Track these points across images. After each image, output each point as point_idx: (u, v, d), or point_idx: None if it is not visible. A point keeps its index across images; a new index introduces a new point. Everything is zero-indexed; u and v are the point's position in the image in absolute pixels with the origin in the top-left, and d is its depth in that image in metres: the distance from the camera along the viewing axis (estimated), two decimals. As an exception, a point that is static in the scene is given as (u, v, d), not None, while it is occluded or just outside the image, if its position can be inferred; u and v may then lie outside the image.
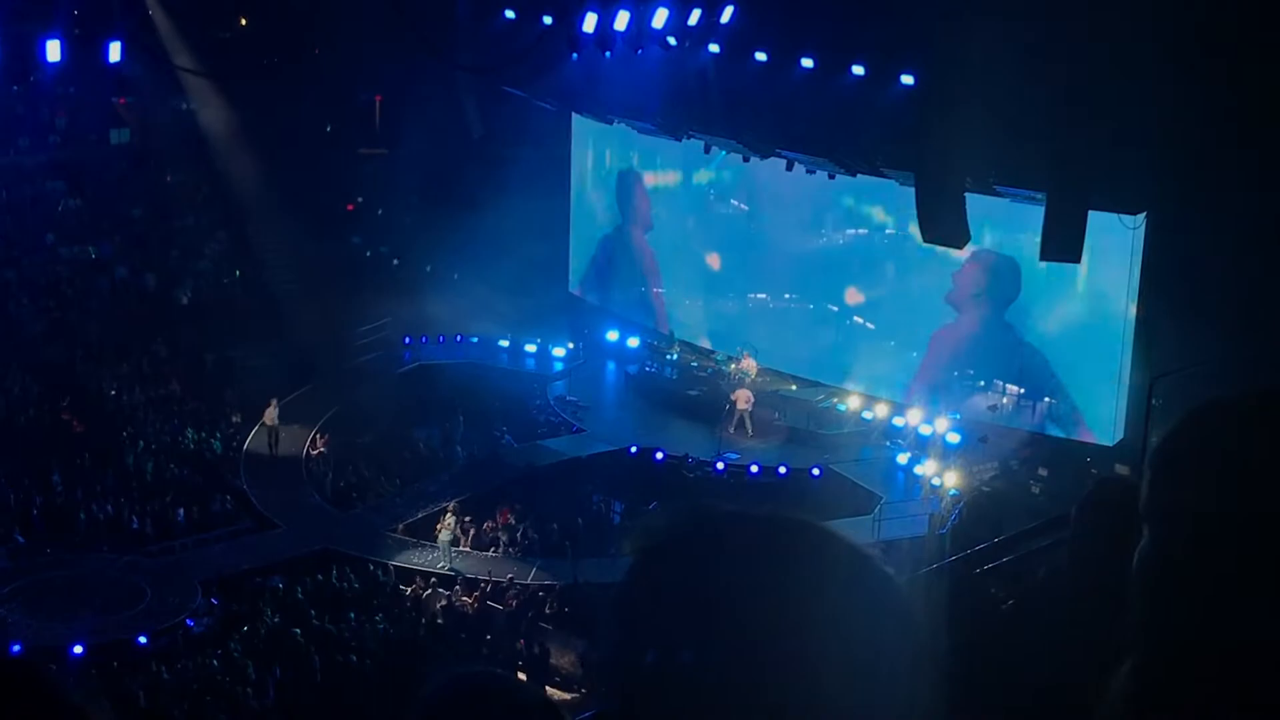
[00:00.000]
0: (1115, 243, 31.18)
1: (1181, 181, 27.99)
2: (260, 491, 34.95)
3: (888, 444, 36.40)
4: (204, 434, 36.95)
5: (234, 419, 37.70)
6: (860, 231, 39.59)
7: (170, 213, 44.09)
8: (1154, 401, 26.75)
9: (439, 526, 32.75)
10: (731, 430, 37.38)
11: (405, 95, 43.86)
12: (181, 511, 33.22)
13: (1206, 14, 24.99)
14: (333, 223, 44.06)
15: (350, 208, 46.14)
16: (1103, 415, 33.94)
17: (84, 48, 31.11)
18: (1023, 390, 35.57)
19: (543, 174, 43.93)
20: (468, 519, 33.62)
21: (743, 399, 37.57)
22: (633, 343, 43.33)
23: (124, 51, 32.16)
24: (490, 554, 32.96)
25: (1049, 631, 4.30)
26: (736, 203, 42.08)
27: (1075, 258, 26.13)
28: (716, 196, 42.21)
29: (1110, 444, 33.33)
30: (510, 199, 41.69)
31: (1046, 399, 35.19)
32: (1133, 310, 32.49)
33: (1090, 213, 26.22)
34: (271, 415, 36.42)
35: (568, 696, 26.81)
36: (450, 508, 33.48)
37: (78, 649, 27.13)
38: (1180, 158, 27.12)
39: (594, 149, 45.18)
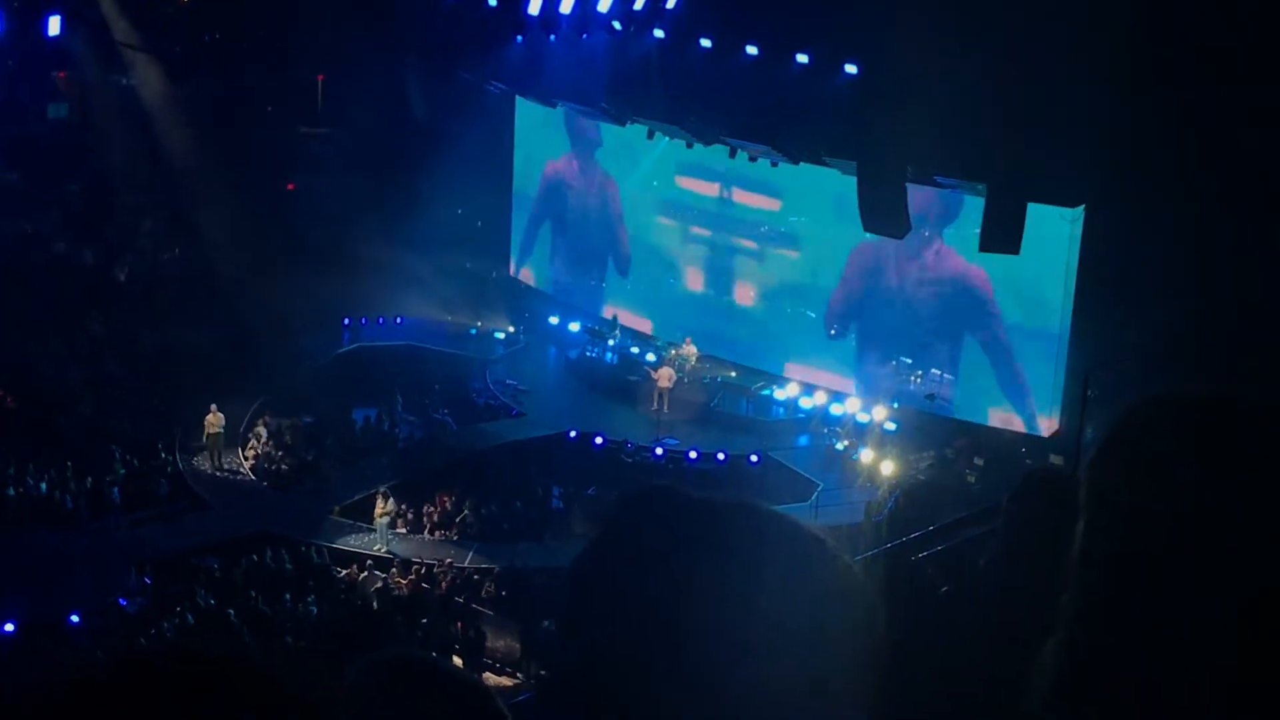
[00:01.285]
0: (1053, 235, 31.38)
1: (1119, 176, 28.22)
2: (196, 471, 34.75)
3: (825, 431, 36.55)
4: (141, 413, 36.66)
5: (170, 399, 37.43)
6: (799, 219, 39.67)
7: (109, 189, 43.61)
8: (1089, 393, 26.95)
9: (376, 509, 32.64)
10: (653, 408, 37.66)
11: (348, 75, 43.59)
12: (116, 491, 32.96)
13: (1146, 12, 25.20)
14: (273, 202, 43.72)
15: (291, 187, 45.81)
16: (1038, 407, 34.19)
17: (23, 20, 30.77)
18: (958, 380, 35.79)
19: (486, 157, 43.77)
20: (404, 506, 33.50)
21: (664, 377, 37.85)
22: (574, 327, 43.34)
23: (63, 25, 31.84)
24: (428, 537, 32.89)
25: (982, 615, 4.37)
26: (680, 190, 42.06)
27: (1014, 249, 26.20)
28: (662, 183, 42.16)
29: (1045, 435, 33.60)
30: (453, 181, 41.56)
31: (983, 390, 35.40)
32: (1069, 303, 32.74)
33: (1030, 205, 26.35)
34: (214, 423, 35.38)
35: (504, 681, 26.80)
36: (383, 491, 33.35)
37: (8, 627, 26.86)
38: (1118, 152, 27.35)
39: (538, 132, 45.05)
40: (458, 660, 25.49)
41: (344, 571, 31.01)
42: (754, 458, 35.14)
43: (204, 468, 34.95)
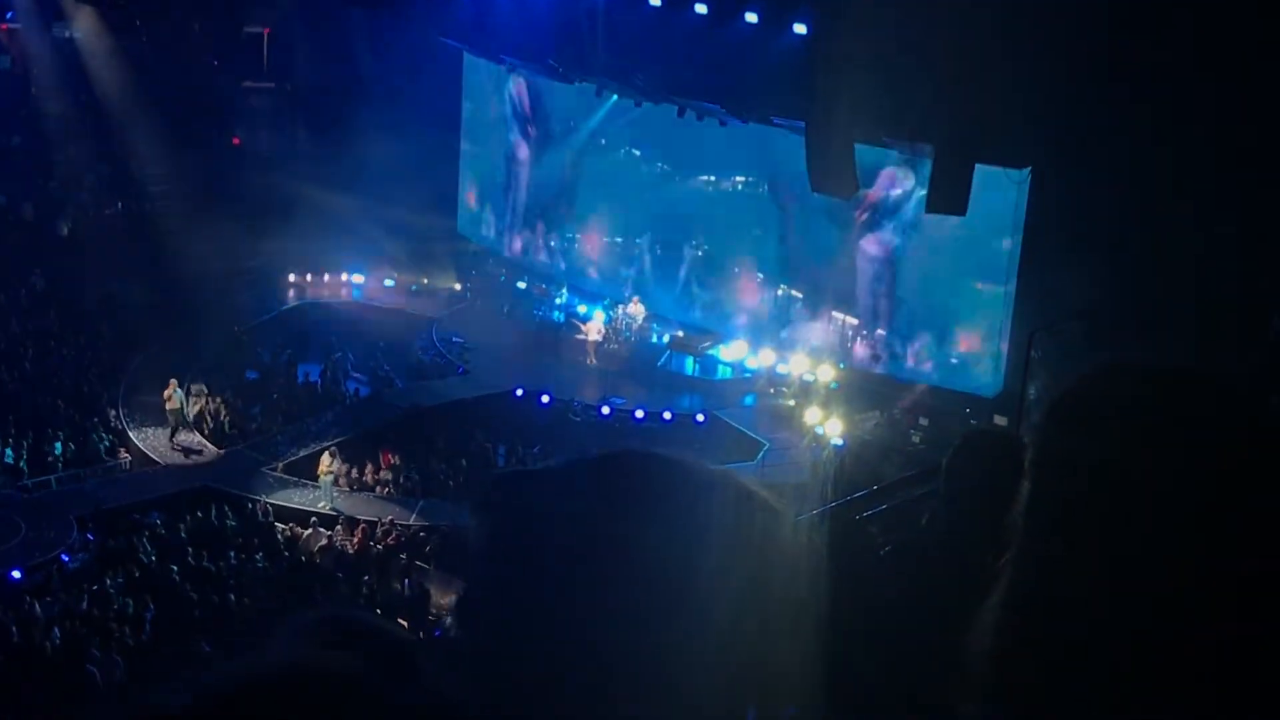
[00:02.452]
0: (1000, 197, 31.46)
1: (1065, 137, 28.28)
2: (138, 426, 34.54)
3: (771, 391, 36.67)
4: (84, 368, 36.42)
5: (113, 353, 37.18)
6: (747, 179, 39.70)
7: (50, 142, 43.20)
8: (1033, 354, 27.09)
9: (320, 466, 32.54)
10: (585, 360, 38.09)
11: (294, 27, 43.27)
12: (58, 446, 32.73)
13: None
14: (217, 156, 43.40)
15: (236, 141, 45.48)
16: (983, 367, 34.36)
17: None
18: (907, 341, 35.93)
19: (433, 112, 43.57)
20: (349, 463, 33.41)
21: (593, 330, 38.34)
22: (521, 285, 43.30)
23: (5, -25, 31.43)
24: (372, 494, 32.84)
25: (924, 573, 4.39)
26: (630, 150, 42.02)
27: (961, 210, 26.28)
28: (609, 142, 42.07)
29: (990, 396, 33.78)
30: (400, 137, 41.31)
31: (929, 350, 35.55)
32: (1014, 264, 32.86)
33: (976, 166, 26.42)
34: (174, 398, 34.47)
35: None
36: (329, 448, 33.25)
37: (-51, 583, 26.72)
38: (1065, 114, 27.41)
39: (486, 88, 44.87)
40: (402, 620, 25.48)
41: (287, 528, 30.92)
42: (700, 417, 35.26)
43: (159, 442, 34.29)
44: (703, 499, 1.99)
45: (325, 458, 32.62)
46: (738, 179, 39.95)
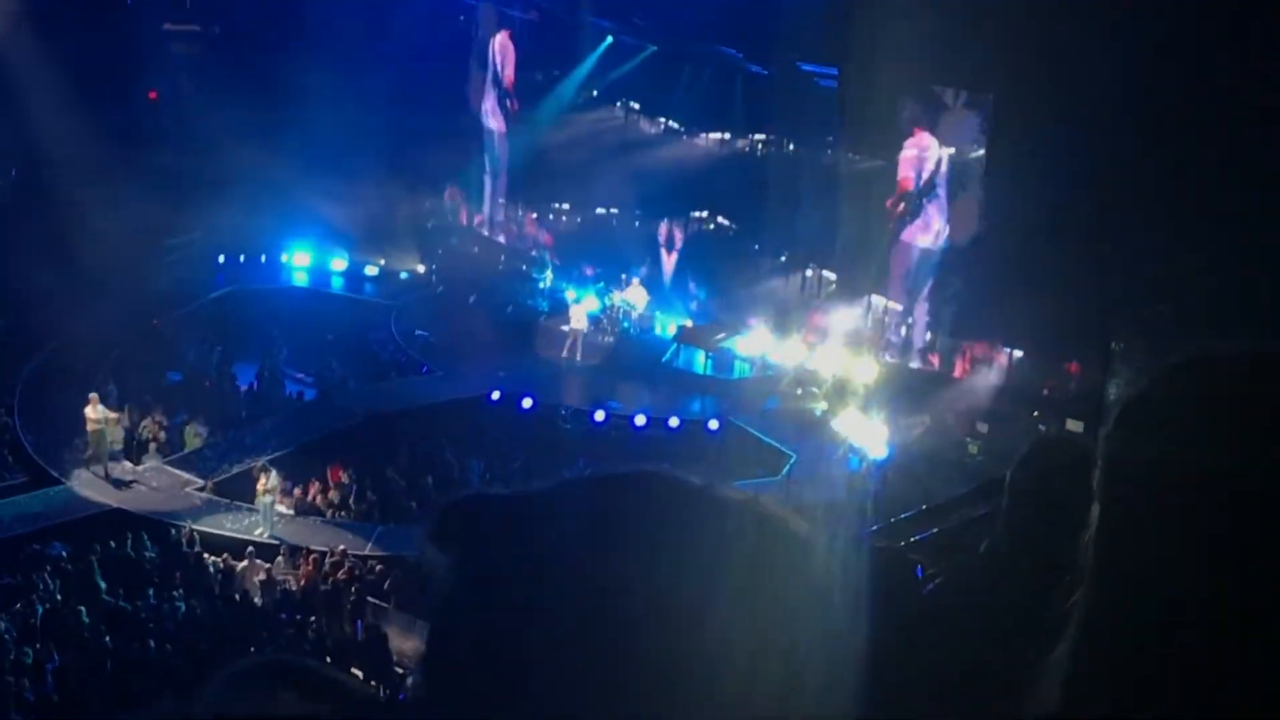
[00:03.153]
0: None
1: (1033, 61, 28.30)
2: (37, 438, 34.50)
3: (799, 392, 36.62)
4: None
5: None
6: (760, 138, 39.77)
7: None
8: (1114, 347, 27.11)
9: (258, 485, 32.53)
10: (563, 354, 37.99)
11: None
12: (-59, 463, 32.78)
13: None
14: (131, 114, 43.34)
15: (153, 96, 45.44)
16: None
17: None
18: (960, 336, 35.91)
19: (396, 61, 43.55)
20: (290, 481, 33.38)
21: (575, 318, 38.25)
22: (497, 266, 43.29)
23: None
24: (320, 519, 32.82)
25: (980, 611, 4.40)
26: (621, 108, 42.05)
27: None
28: (603, 98, 42.10)
29: (1061, 397, 33.75)
30: (353, 88, 41.27)
31: (992, 345, 35.51)
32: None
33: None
34: (95, 414, 33.77)
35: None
36: (264, 465, 33.21)
37: None
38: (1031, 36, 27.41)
39: (460, 30, 44.90)
40: (356, 670, 25.49)
41: (220, 560, 30.90)
42: (714, 424, 35.19)
43: (66, 459, 33.98)
44: (722, 531, 1.98)
45: (263, 476, 32.60)
46: (757, 138, 39.92)
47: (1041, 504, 4.05)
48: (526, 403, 35.95)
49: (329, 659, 25.29)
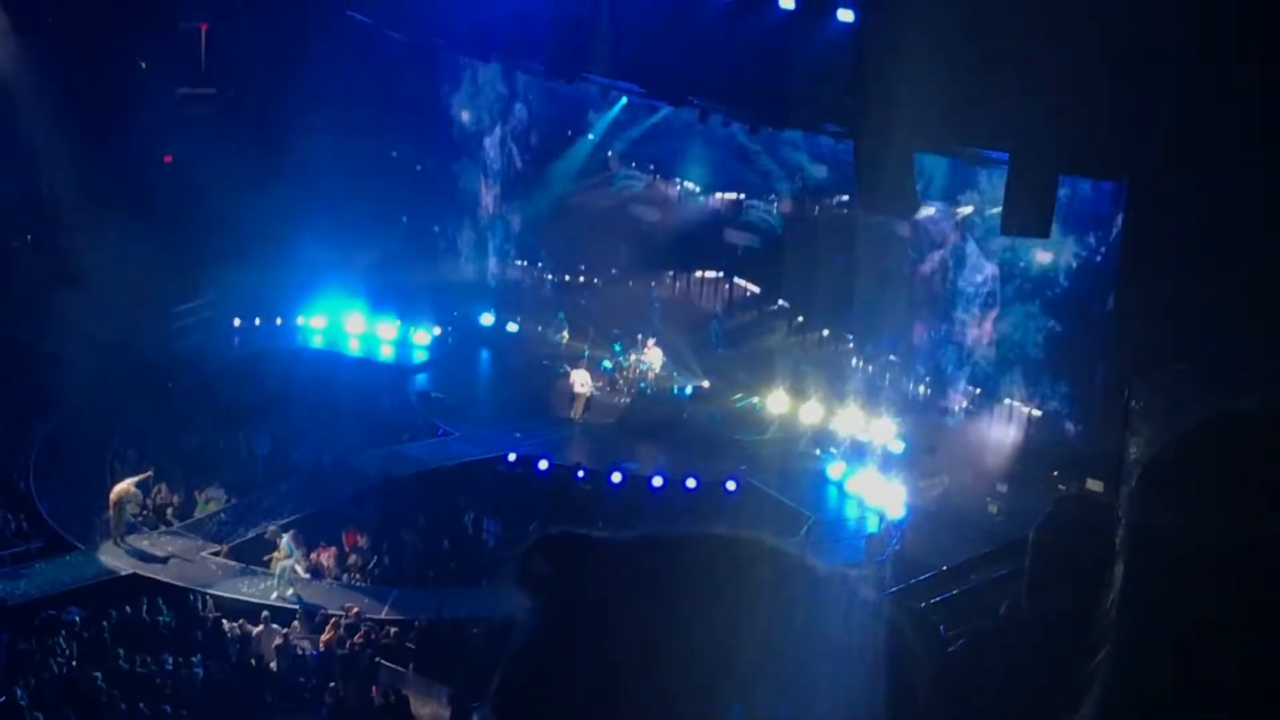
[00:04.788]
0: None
1: (1170, 142, 28.22)
2: (54, 503, 34.51)
3: (818, 453, 36.59)
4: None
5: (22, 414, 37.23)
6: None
7: (-55, 163, 43.35)
8: (1133, 404, 27.02)
9: (277, 551, 32.52)
10: (569, 415, 38.06)
11: (238, 23, 43.42)
12: (-44, 528, 32.79)
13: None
14: (147, 178, 43.47)
15: (169, 159, 45.60)
16: (1072, 420, 34.27)
17: None
18: (979, 390, 35.88)
19: (407, 122, 43.70)
20: (305, 543, 33.35)
21: (579, 381, 38.22)
22: (512, 327, 43.35)
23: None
24: (337, 583, 32.78)
25: (1004, 675, 4.36)
26: (637, 168, 42.18)
27: (1043, 232, 26.25)
28: (618, 154, 42.22)
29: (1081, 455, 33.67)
30: (365, 151, 41.41)
31: (1006, 400, 35.50)
32: (1109, 294, 32.83)
33: (1061, 179, 26.41)
34: (123, 486, 33.57)
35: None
36: (273, 529, 33.18)
37: None
38: (1169, 114, 27.34)
39: (469, 91, 45.01)
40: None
41: (235, 625, 30.86)
42: (731, 484, 35.13)
43: (111, 540, 33.41)
44: (813, 599, 1.99)
45: (278, 539, 32.58)
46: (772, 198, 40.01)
47: (1064, 565, 4.02)
48: (543, 464, 35.92)
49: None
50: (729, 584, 1.98)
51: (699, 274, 41.23)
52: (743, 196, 40.95)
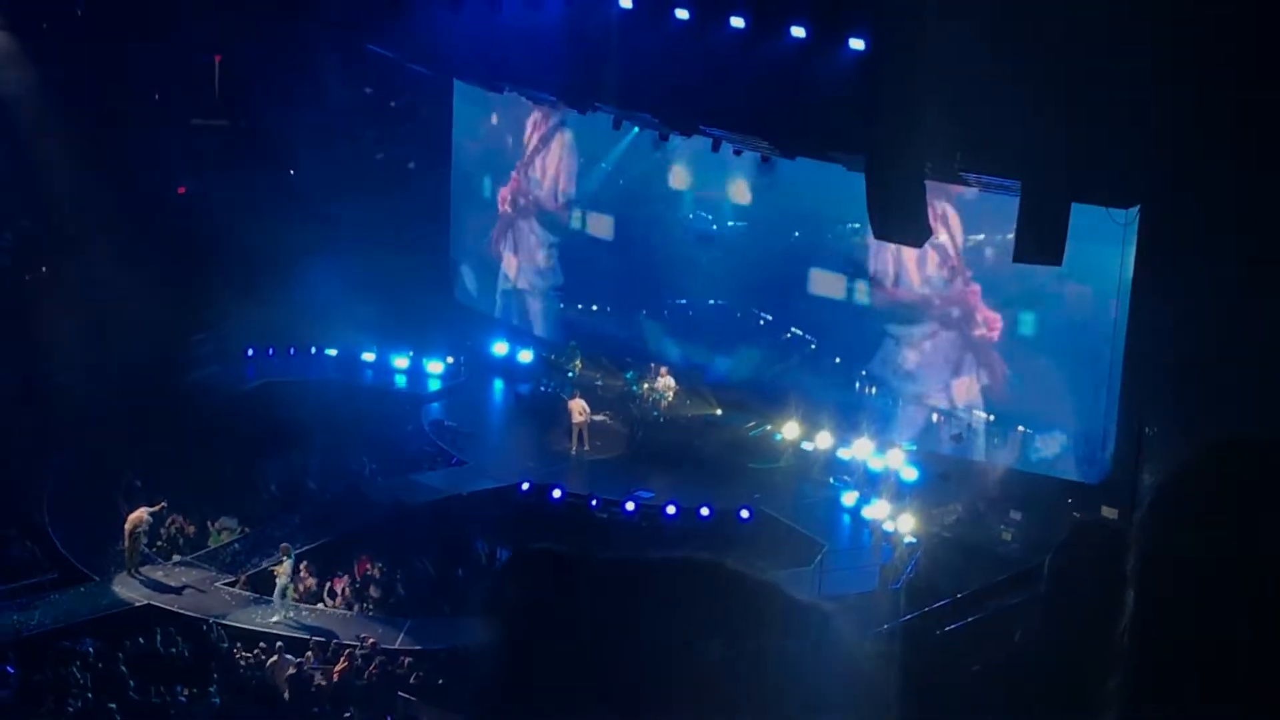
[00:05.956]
0: (1103, 242, 31.40)
1: (1180, 169, 28.19)
2: (68, 534, 34.52)
3: (831, 481, 36.55)
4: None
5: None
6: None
7: (-41, 194, 43.41)
8: (1147, 431, 26.97)
9: (276, 568, 32.58)
10: (569, 447, 38.10)
11: (251, 55, 43.48)
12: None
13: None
14: (160, 208, 43.51)
15: (182, 190, 45.65)
16: (1086, 448, 34.19)
17: None
18: (992, 418, 35.83)
19: (419, 153, 43.78)
20: (306, 572, 33.33)
21: (577, 410, 38.25)
22: (525, 356, 43.33)
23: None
24: (350, 613, 32.76)
25: (1020, 701, 4.38)
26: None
27: (1056, 259, 26.25)
28: (632, 183, 42.21)
29: (1095, 482, 33.59)
30: (379, 182, 41.48)
31: (1020, 428, 35.44)
32: (1123, 323, 32.76)
33: (1074, 206, 26.38)
34: (138, 516, 33.69)
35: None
36: (285, 545, 33.20)
37: None
38: (1182, 139, 27.31)
39: (479, 121, 45.07)
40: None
41: (252, 655, 30.84)
42: (745, 513, 35.08)
43: (125, 571, 33.67)
44: (786, 626, 2.01)
45: (283, 558, 32.61)
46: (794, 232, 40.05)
47: (1079, 592, 4.04)
48: (556, 493, 35.90)
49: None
50: (700, 607, 2.00)
51: (712, 301, 41.06)
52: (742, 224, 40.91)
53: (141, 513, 33.50)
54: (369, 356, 43.54)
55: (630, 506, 35.47)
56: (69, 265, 42.08)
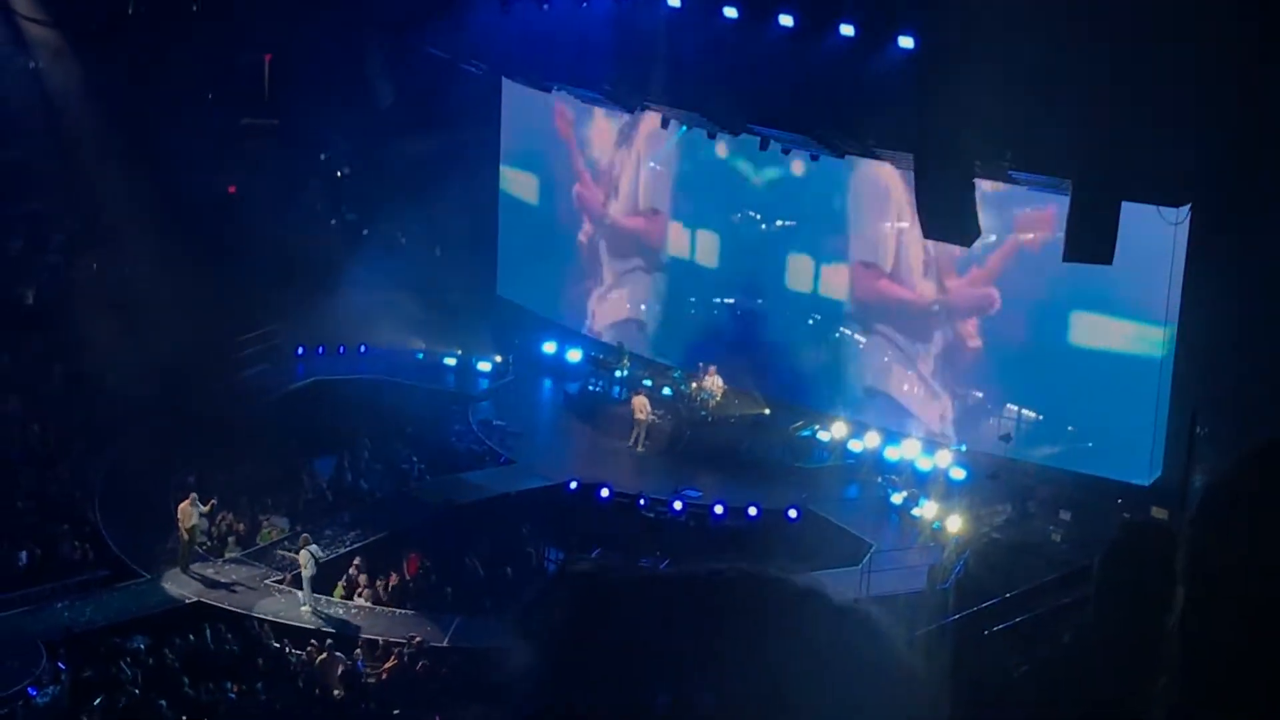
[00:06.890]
0: (1154, 241, 31.26)
1: (1233, 168, 28.04)
2: (119, 532, 34.66)
3: (879, 481, 36.47)
4: (53, 463, 36.62)
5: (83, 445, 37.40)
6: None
7: (12, 195, 43.52)
8: (1198, 431, 26.84)
9: (298, 555, 32.70)
10: (630, 444, 38.11)
11: (300, 54, 43.58)
12: (24, 555, 32.91)
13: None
14: (210, 208, 43.64)
15: (232, 190, 45.79)
16: (1137, 448, 34.02)
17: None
18: (1041, 417, 35.69)
19: (466, 152, 43.82)
20: (367, 575, 33.42)
21: (639, 408, 38.30)
22: (573, 356, 43.36)
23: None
24: (398, 610, 32.81)
25: (1067, 699, 4.37)
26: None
27: (1106, 258, 26.12)
28: (685, 182, 42.19)
29: (1145, 483, 33.44)
30: (427, 181, 41.52)
31: (1069, 428, 35.29)
32: (1173, 320, 32.61)
33: (1124, 205, 26.27)
34: (190, 509, 33.92)
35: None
36: (305, 535, 33.37)
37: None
38: (1233, 138, 27.16)
39: (528, 121, 45.10)
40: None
41: (303, 652, 30.92)
42: (793, 512, 35.02)
43: (176, 568, 33.81)
44: (831, 632, 2.01)
45: (303, 546, 32.67)
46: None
47: (1129, 592, 4.01)
48: (604, 492, 35.90)
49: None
50: (745, 618, 2.00)
51: (758, 300, 41.01)
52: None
53: (187, 505, 33.58)
54: (418, 355, 43.57)
55: (678, 506, 35.44)
56: (118, 265, 42.21)
